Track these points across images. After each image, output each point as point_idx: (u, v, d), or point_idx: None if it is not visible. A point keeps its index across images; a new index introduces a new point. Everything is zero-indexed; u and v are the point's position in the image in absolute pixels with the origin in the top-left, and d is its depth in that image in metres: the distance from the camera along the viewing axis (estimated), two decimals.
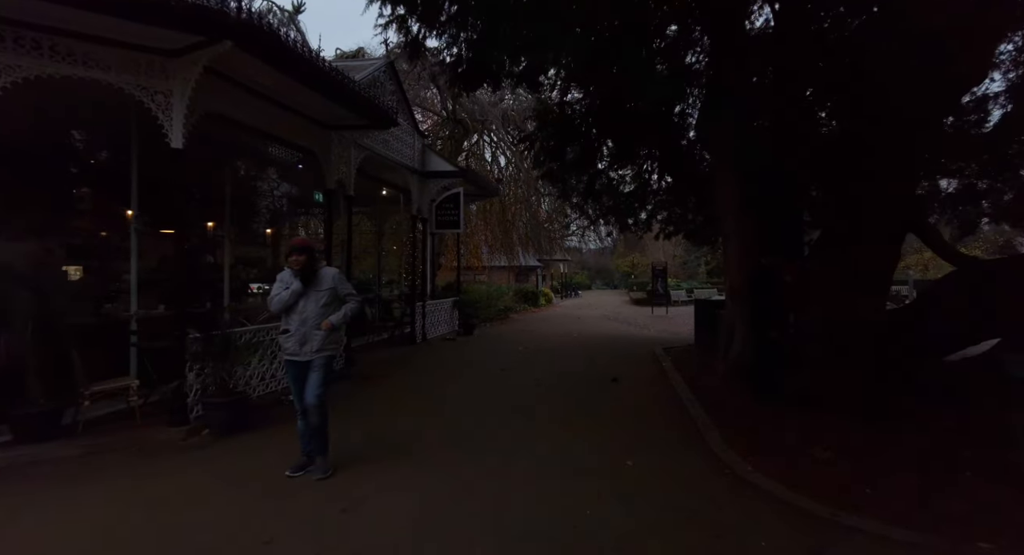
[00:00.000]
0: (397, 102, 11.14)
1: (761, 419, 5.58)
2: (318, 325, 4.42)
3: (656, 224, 14.44)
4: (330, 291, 4.50)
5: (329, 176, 8.58)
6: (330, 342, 4.56)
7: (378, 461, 4.83)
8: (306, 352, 4.45)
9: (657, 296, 25.00)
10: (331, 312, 4.50)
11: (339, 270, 4.74)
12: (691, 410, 6.13)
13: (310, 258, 4.43)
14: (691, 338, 14.20)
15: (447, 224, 12.87)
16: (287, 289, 4.40)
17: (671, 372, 8.69)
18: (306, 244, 4.57)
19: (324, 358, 4.51)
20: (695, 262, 48.47)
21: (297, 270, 4.38)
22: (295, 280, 4.39)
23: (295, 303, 4.42)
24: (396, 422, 6.11)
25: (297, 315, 4.43)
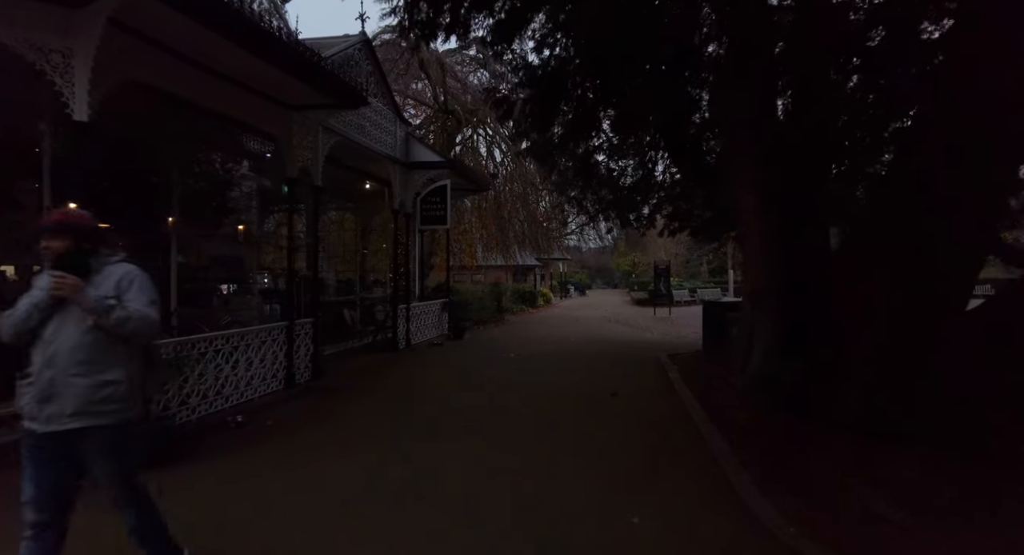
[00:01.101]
0: (375, 84, 10.13)
1: (799, 452, 4.54)
2: (81, 364, 2.36)
3: (660, 220, 13.45)
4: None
5: (291, 163, 7.55)
6: (105, 397, 2.41)
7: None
8: (53, 417, 2.34)
9: (659, 296, 23.97)
10: (107, 349, 2.43)
11: (140, 271, 2.67)
12: (708, 438, 5.07)
13: (77, 244, 2.45)
14: (698, 343, 13.18)
15: (433, 220, 11.84)
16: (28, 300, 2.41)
17: (679, 385, 7.67)
18: (67, 220, 2.55)
19: (102, 429, 2.41)
20: (697, 261, 47.47)
21: (53, 265, 2.40)
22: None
23: (39, 325, 2.38)
24: (344, 465, 5.08)
25: (42, 348, 2.37)
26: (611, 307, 29.59)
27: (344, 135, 8.90)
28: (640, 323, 19.62)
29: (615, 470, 4.46)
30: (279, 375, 7.38)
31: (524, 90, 7.89)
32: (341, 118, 8.84)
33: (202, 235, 8.40)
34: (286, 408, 6.81)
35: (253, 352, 6.85)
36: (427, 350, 11.69)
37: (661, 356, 10.64)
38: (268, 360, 7.15)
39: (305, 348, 8.00)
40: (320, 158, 8.20)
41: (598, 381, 8.31)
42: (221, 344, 6.28)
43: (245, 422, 6.10)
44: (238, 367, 6.57)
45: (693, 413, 6.04)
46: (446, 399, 7.17)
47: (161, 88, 5.66)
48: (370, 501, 3.91)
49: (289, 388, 7.49)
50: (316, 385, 7.92)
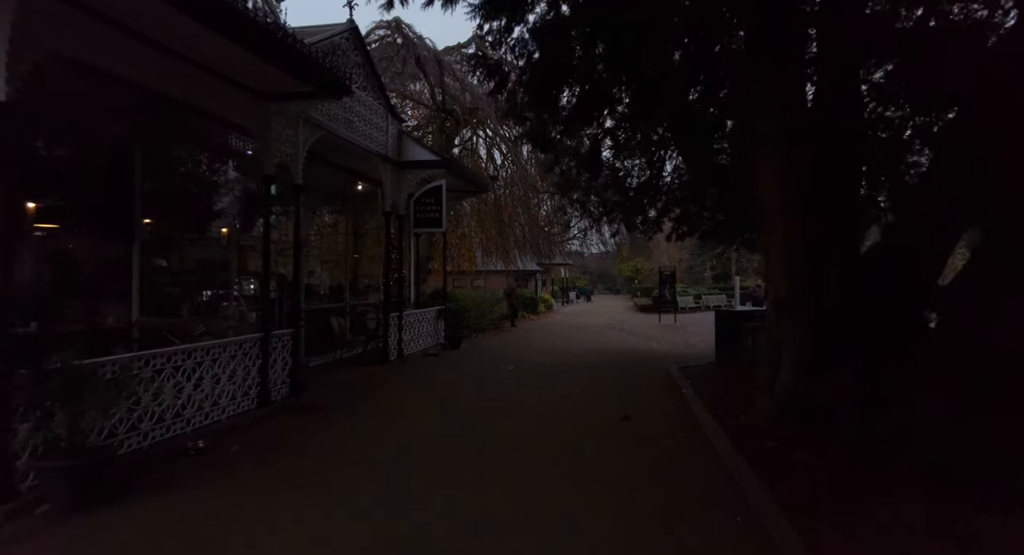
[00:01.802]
0: (365, 77, 9.46)
1: (856, 498, 3.77)
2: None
3: (667, 223, 12.73)
4: None
5: (267, 159, 6.86)
6: None
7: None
8: None
9: (664, 303, 23.22)
10: None
11: None
12: (741, 481, 4.27)
13: None
14: (709, 354, 12.43)
15: (427, 222, 11.14)
16: None
17: (695, 405, 6.92)
18: None
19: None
20: (701, 266, 46.70)
21: None
22: None
23: None
24: (304, 510, 4.34)
25: None
26: (614, 313, 28.84)
27: (329, 129, 8.21)
28: (645, 331, 18.87)
29: (629, 532, 3.63)
30: (252, 393, 6.66)
31: (522, 53, 6.80)
32: (325, 111, 8.16)
33: (174, 238, 7.67)
34: (255, 431, 6.08)
35: (221, 368, 6.13)
36: (420, 361, 10.96)
37: (672, 369, 9.89)
38: (239, 376, 6.43)
39: (283, 362, 7.28)
40: (301, 154, 7.51)
41: (606, 400, 7.57)
42: (182, 360, 5.56)
43: (206, 448, 5.38)
44: (203, 385, 5.85)
45: (718, 444, 5.27)
46: (433, 423, 6.41)
47: (106, 69, 4.97)
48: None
49: (263, 407, 6.76)
50: (294, 403, 7.19)
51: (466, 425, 6.24)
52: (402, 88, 18.80)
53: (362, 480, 4.56)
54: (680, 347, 14.15)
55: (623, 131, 10.58)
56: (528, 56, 6.73)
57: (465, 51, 19.59)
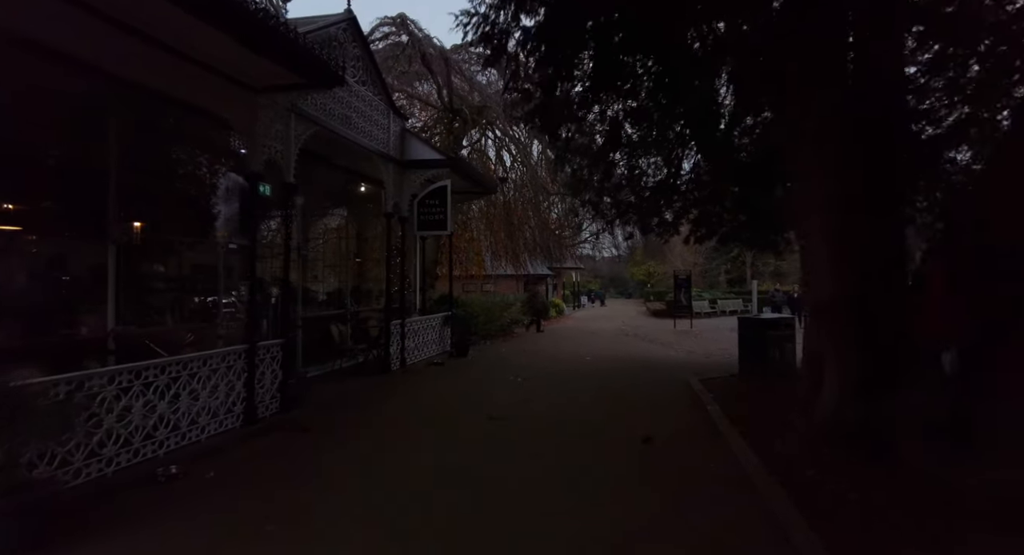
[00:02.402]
0: (364, 71, 8.92)
1: None
2: None
3: (684, 225, 12.07)
4: None
5: (254, 155, 6.32)
6: None
7: None
8: None
9: (679, 308, 22.49)
10: None
11: None
12: (790, 533, 3.59)
13: None
14: (730, 363, 11.75)
15: (431, 224, 10.58)
16: None
17: (723, 424, 6.26)
18: None
19: None
20: (716, 270, 45.85)
21: None
22: None
23: None
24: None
25: None
26: (627, 318, 28.12)
27: (324, 125, 7.67)
28: (661, 337, 18.16)
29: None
30: (236, 409, 6.11)
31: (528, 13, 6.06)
32: (320, 105, 7.63)
33: (158, 240, 7.14)
34: (237, 453, 5.52)
35: (200, 383, 5.58)
36: (424, 371, 10.38)
37: (692, 381, 9.23)
38: (221, 392, 5.87)
39: (272, 375, 6.73)
40: (293, 150, 6.98)
41: (623, 417, 6.94)
42: (154, 375, 5.02)
43: (179, 474, 4.82)
44: (179, 403, 5.30)
45: (755, 477, 4.61)
46: (427, 453, 5.78)
47: (66, 50, 4.45)
48: None
49: (249, 424, 6.21)
50: (283, 420, 6.63)
51: (464, 453, 5.58)
52: (408, 88, 18.31)
53: (334, 531, 3.88)
54: (698, 355, 13.46)
55: (638, 128, 10.00)
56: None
57: (473, 50, 19.08)
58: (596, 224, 19.74)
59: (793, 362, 9.65)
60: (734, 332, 20.00)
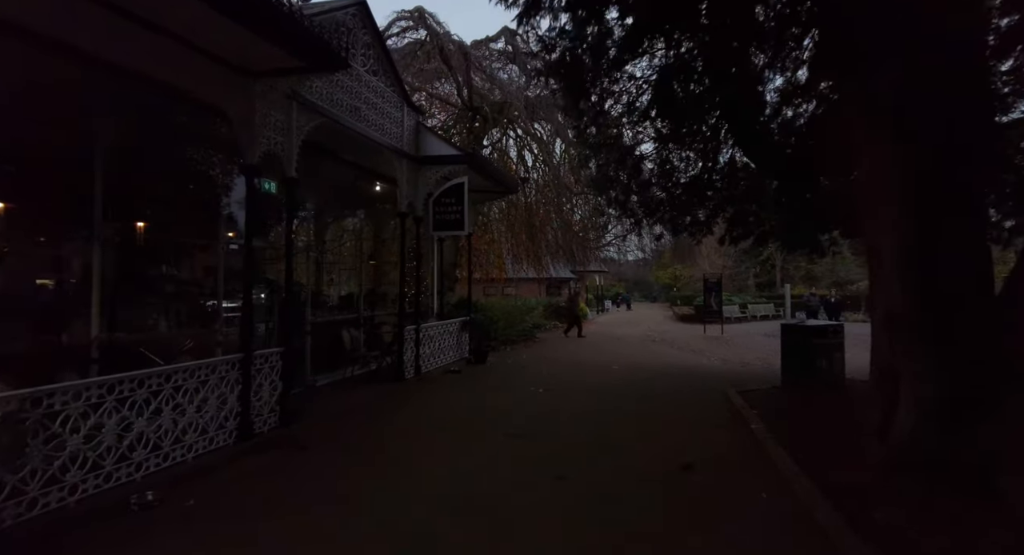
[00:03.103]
0: (375, 60, 8.38)
1: None
2: None
3: (718, 225, 11.28)
4: None
5: (251, 146, 5.78)
6: None
7: None
8: None
9: (709, 313, 21.54)
10: None
11: None
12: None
13: None
14: (769, 374, 10.96)
15: (447, 224, 9.97)
16: None
17: (772, 447, 5.49)
18: None
19: None
20: (744, 274, 44.49)
21: None
22: None
23: None
24: None
25: None
26: (653, 323, 27.19)
27: (330, 116, 7.13)
28: (690, 344, 17.28)
29: None
30: (229, 425, 5.56)
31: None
32: (327, 95, 7.10)
33: (153, 240, 6.66)
34: (225, 475, 4.96)
35: (187, 397, 5.03)
36: (439, 380, 9.76)
37: (730, 393, 8.44)
38: (211, 406, 5.33)
39: (271, 386, 6.17)
40: (295, 143, 6.43)
41: (657, 437, 6.21)
42: (130, 390, 4.48)
43: (155, 502, 4.27)
44: (160, 419, 4.76)
45: (815, 509, 3.89)
46: (441, 470, 5.16)
47: (30, 27, 3.95)
48: None
49: (244, 440, 5.66)
50: (282, 435, 6.07)
51: (478, 480, 4.92)
52: (427, 87, 17.79)
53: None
54: (733, 364, 12.60)
55: (684, 87, 9.25)
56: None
57: (494, 46, 18.53)
58: (622, 225, 18.90)
59: (842, 373, 8.80)
60: (768, 338, 19.19)
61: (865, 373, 9.90)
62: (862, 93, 4.75)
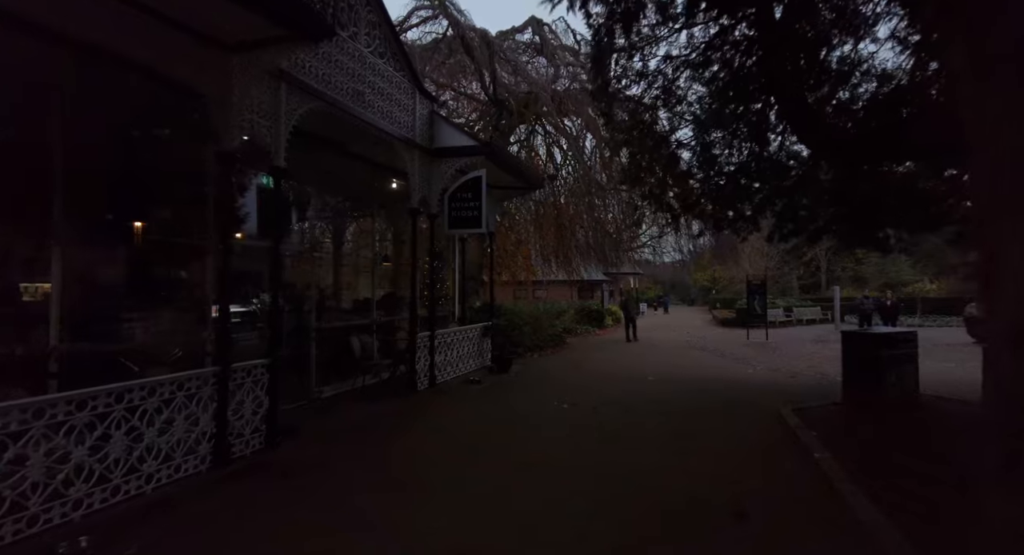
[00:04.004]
0: (381, 41, 7.63)
1: None
2: None
3: (767, 219, 10.14)
4: None
5: (226, 130, 5.07)
6: None
7: None
8: None
9: (753, 316, 20.18)
10: None
11: None
12: None
13: None
14: (821, 383, 9.94)
15: (464, 222, 9.14)
16: None
17: (842, 483, 4.46)
18: None
19: None
20: (787, 276, 42.50)
21: None
22: None
23: None
24: None
25: None
26: (692, 328, 25.86)
27: (327, 99, 6.39)
28: (734, 351, 16.04)
29: None
30: (201, 449, 4.84)
31: None
32: (323, 77, 6.37)
33: (127, 239, 6.02)
34: (188, 512, 4.21)
35: (145, 419, 4.32)
36: (456, 391, 8.92)
37: (783, 411, 7.36)
38: (178, 429, 4.61)
39: (254, 403, 5.44)
40: (284, 127, 5.70)
41: (701, 468, 5.22)
42: (66, 413, 3.77)
43: (88, 550, 3.54)
44: (110, 446, 4.05)
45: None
46: (438, 509, 4.32)
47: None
48: None
49: (219, 467, 4.93)
50: (266, 459, 5.32)
51: (481, 525, 4.02)
52: (451, 83, 17.07)
53: None
54: (782, 374, 11.41)
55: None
56: None
57: (520, 38, 17.70)
58: (658, 221, 17.79)
59: (916, 389, 7.63)
60: (818, 344, 17.77)
61: (943, 388, 8.74)
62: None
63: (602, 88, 9.11)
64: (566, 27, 17.58)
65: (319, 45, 5.83)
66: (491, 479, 4.92)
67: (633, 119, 9.02)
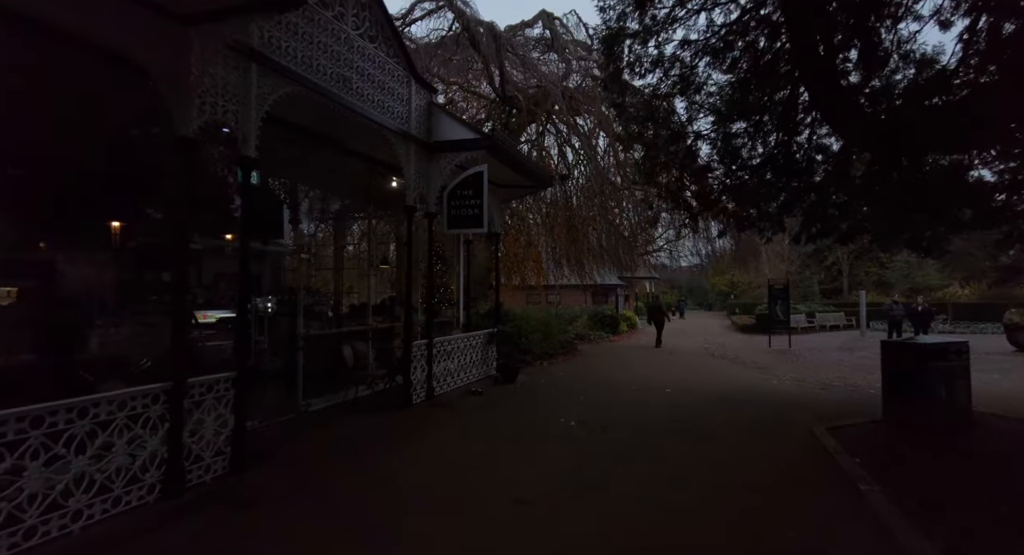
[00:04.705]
0: (372, 23, 7.01)
1: None
2: None
3: (795, 217, 9.34)
4: None
5: (183, 113, 4.46)
6: None
7: None
8: None
9: (775, 322, 19.25)
10: None
11: None
12: None
13: None
14: (854, 396, 9.25)
15: (464, 220, 8.46)
16: None
17: (902, 531, 3.68)
18: None
19: None
20: (808, 280, 41.29)
21: None
22: None
23: None
24: None
25: None
26: (711, 334, 24.92)
27: (308, 85, 5.78)
28: (755, 359, 15.16)
29: None
30: (148, 477, 4.22)
31: None
32: (303, 58, 5.77)
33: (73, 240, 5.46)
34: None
35: (72, 446, 3.69)
36: (454, 405, 8.23)
37: (817, 430, 6.58)
38: (117, 454, 3.99)
39: (217, 423, 4.82)
40: (254, 114, 5.09)
41: (726, 508, 4.47)
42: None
43: None
44: (21, 481, 3.42)
45: None
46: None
47: None
48: None
49: (170, 497, 4.31)
50: (228, 487, 4.69)
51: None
52: (457, 79, 16.44)
53: None
54: (810, 386, 10.55)
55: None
56: None
57: (530, 33, 17.06)
58: (675, 222, 16.98)
59: (968, 406, 6.78)
60: (844, 352, 16.81)
61: (994, 403, 7.86)
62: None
63: (614, 76, 8.44)
64: (578, 21, 16.96)
65: (287, 16, 5.31)
66: (475, 522, 4.19)
67: (648, 109, 8.30)
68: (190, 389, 4.55)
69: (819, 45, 7.10)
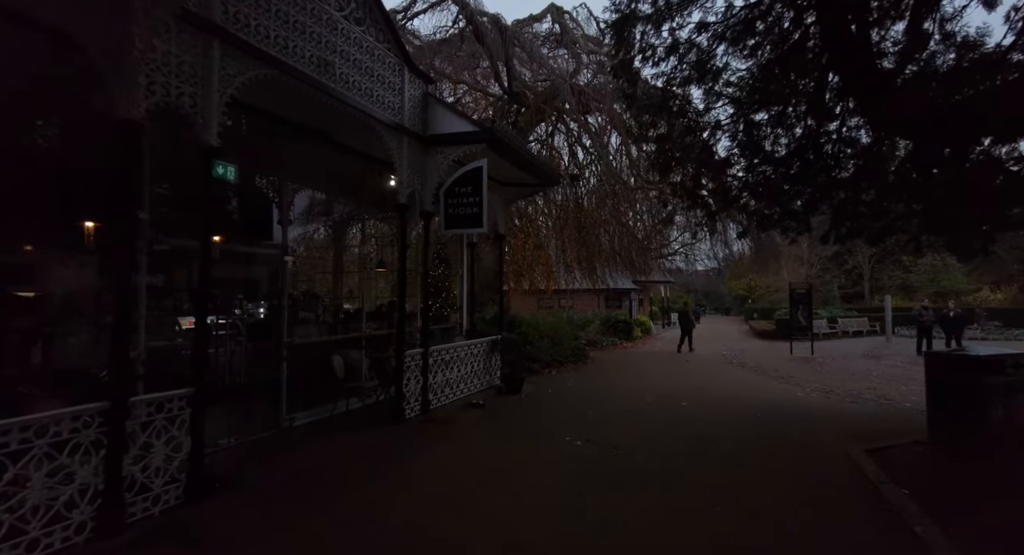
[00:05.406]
0: (362, 7, 6.46)
1: None
2: None
3: (822, 216, 8.60)
4: None
5: (127, 92, 3.88)
6: None
7: None
8: None
9: (797, 328, 18.37)
10: None
11: None
12: None
13: None
14: (889, 411, 8.49)
15: (462, 220, 7.82)
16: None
17: None
18: None
19: None
20: (828, 284, 40.11)
21: None
22: None
23: None
24: None
25: None
26: (728, 340, 24.04)
27: (282, 68, 5.20)
28: (777, 367, 14.33)
29: None
30: (77, 515, 3.63)
31: None
32: (276, 38, 5.21)
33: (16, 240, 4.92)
34: None
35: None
36: (452, 419, 7.57)
37: (853, 451, 5.85)
38: (33, 491, 3.40)
39: (168, 447, 4.23)
40: (215, 97, 4.52)
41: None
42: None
43: None
44: None
45: None
46: None
47: None
48: None
49: (106, 536, 3.71)
50: (180, 521, 4.08)
51: None
52: (463, 75, 15.88)
53: None
54: (839, 398, 9.76)
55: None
56: None
57: (538, 28, 16.47)
58: (690, 223, 16.25)
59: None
60: (871, 361, 15.87)
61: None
62: None
63: (625, 64, 7.79)
64: (588, 15, 16.31)
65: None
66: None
67: (661, 97, 7.64)
68: (133, 409, 3.96)
69: (851, 24, 6.41)
